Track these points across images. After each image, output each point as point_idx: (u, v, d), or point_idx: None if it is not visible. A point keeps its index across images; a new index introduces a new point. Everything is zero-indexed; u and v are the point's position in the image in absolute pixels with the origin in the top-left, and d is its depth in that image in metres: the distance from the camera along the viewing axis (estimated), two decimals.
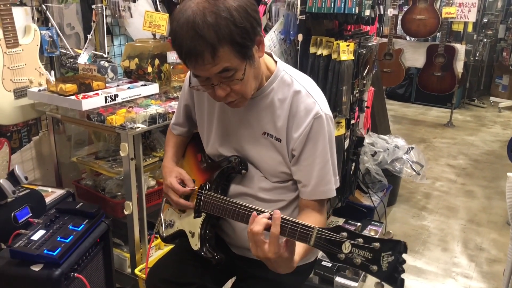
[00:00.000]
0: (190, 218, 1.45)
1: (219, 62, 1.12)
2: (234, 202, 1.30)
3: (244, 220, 1.25)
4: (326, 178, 1.32)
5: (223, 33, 1.08)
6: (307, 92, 1.30)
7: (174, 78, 2.61)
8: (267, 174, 1.38)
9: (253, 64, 1.20)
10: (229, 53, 1.12)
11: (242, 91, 1.22)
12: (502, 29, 6.70)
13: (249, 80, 1.22)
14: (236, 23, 1.10)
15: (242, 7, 1.12)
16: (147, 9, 2.83)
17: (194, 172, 1.51)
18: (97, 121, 2.14)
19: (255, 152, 1.36)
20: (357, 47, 2.49)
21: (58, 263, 1.64)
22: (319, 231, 1.06)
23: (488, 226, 3.37)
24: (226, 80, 1.18)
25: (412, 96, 6.72)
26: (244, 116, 1.36)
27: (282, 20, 2.50)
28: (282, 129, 1.31)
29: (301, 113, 1.28)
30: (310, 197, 1.33)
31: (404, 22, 5.42)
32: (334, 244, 1.04)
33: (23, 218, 1.87)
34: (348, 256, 1.02)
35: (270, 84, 1.32)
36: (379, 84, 4.14)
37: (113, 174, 2.38)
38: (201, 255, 1.42)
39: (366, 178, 3.25)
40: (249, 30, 1.13)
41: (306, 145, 1.29)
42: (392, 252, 0.98)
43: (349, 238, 1.02)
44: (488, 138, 5.37)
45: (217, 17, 1.08)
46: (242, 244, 1.46)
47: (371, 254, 0.99)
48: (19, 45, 2.26)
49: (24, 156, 2.51)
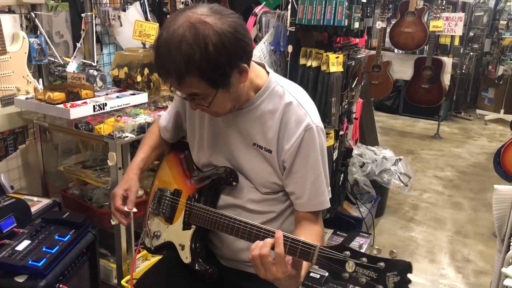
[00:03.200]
0: (178, 229, 1.43)
1: (185, 88, 1.15)
2: (226, 215, 1.29)
3: (237, 234, 1.24)
4: (319, 190, 1.31)
5: (193, 65, 1.09)
6: (298, 103, 1.29)
7: (164, 88, 2.61)
8: (258, 184, 1.37)
9: (228, 90, 1.19)
10: (197, 82, 1.13)
11: (213, 111, 1.25)
12: (488, 43, 6.82)
13: (221, 104, 1.22)
14: (210, 59, 1.09)
15: (226, 37, 1.10)
16: (137, 18, 2.82)
17: (180, 182, 1.48)
18: (85, 130, 2.13)
19: (246, 162, 1.35)
20: (346, 59, 2.52)
21: (43, 274, 1.61)
22: (321, 250, 1.06)
23: (475, 238, 3.39)
24: (195, 100, 1.21)
25: (400, 108, 6.79)
26: (234, 126, 1.35)
27: (272, 31, 2.51)
28: (273, 140, 1.30)
29: (292, 125, 1.27)
30: (304, 209, 1.33)
31: (392, 35, 5.49)
32: (337, 263, 1.03)
33: (7, 228, 1.84)
34: (353, 275, 1.01)
35: (260, 96, 1.30)
36: (368, 96, 4.18)
37: (101, 183, 2.36)
38: (193, 268, 1.39)
39: (355, 189, 3.26)
40: (225, 66, 1.13)
41: (297, 157, 1.28)
42: (398, 272, 0.98)
43: (353, 257, 1.02)
44: (474, 150, 5.43)
45: (191, 49, 1.08)
46: (231, 256, 1.45)
47: (376, 274, 0.99)
48: (6, 53, 2.24)
49: (10, 164, 2.47)
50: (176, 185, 1.48)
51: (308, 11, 2.33)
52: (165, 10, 3.12)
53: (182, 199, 1.44)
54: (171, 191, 1.48)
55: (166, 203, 1.47)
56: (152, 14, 3.05)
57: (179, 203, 1.45)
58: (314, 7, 2.31)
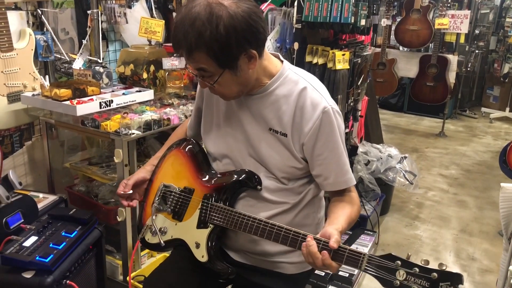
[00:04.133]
0: (191, 227, 1.41)
1: (194, 62, 1.22)
2: (250, 216, 1.31)
3: (262, 235, 1.28)
4: (344, 168, 1.36)
5: (202, 41, 1.16)
6: (313, 87, 1.33)
7: (169, 85, 2.61)
8: (275, 169, 1.37)
9: (235, 73, 1.24)
10: (205, 58, 1.20)
11: (220, 92, 1.30)
12: (494, 40, 6.78)
13: (227, 85, 1.28)
14: (219, 38, 1.16)
15: (237, 20, 1.17)
16: (143, 15, 2.83)
17: (192, 179, 1.47)
18: (92, 127, 2.13)
19: (263, 147, 1.37)
20: (352, 57, 2.51)
21: (50, 270, 1.62)
22: (370, 258, 1.11)
23: (480, 236, 3.38)
24: (204, 78, 1.26)
25: (405, 106, 6.77)
26: (249, 113, 1.37)
27: (278, 28, 2.51)
28: (288, 124, 1.33)
29: (308, 108, 1.31)
30: (333, 188, 1.37)
31: (397, 33, 5.46)
32: (387, 270, 1.08)
33: (15, 224, 1.85)
34: (404, 283, 1.06)
35: (274, 82, 1.34)
36: (373, 93, 4.17)
37: (107, 180, 2.36)
38: (211, 267, 1.39)
39: (360, 187, 3.25)
40: (232, 47, 1.19)
41: (318, 140, 1.31)
42: (451, 282, 1.03)
43: (404, 266, 1.07)
44: (479, 148, 5.41)
45: (203, 26, 1.15)
46: (242, 247, 1.45)
47: (429, 283, 1.04)
48: (13, 49, 2.24)
49: (16, 161, 2.48)
50: (187, 183, 1.47)
51: (314, 8, 2.32)
52: (171, 7, 3.12)
53: (195, 196, 1.43)
54: (181, 188, 1.47)
55: (173, 199, 1.46)
56: (157, 11, 3.05)
57: (191, 201, 1.44)
58: (321, 4, 2.31)
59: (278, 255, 1.44)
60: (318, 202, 1.50)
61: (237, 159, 1.41)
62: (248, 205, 1.40)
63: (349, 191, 1.39)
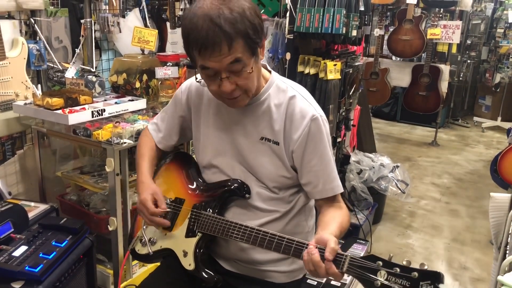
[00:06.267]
0: (179, 237, 1.42)
1: (233, 53, 1.19)
2: (239, 224, 1.31)
3: (254, 243, 1.27)
4: (332, 175, 1.37)
5: (239, 27, 1.17)
6: (301, 96, 1.37)
7: (162, 94, 2.61)
8: (266, 179, 1.38)
9: (257, 62, 1.28)
10: (242, 46, 1.20)
11: (247, 86, 1.28)
12: (485, 51, 6.85)
13: (254, 76, 1.29)
14: (250, 20, 1.19)
15: (252, 9, 1.22)
16: (136, 24, 2.84)
17: (182, 190, 1.48)
18: (83, 136, 2.13)
19: (253, 158, 1.38)
20: (344, 67, 2.53)
21: (40, 280, 1.61)
22: (352, 259, 1.10)
23: (472, 245, 3.39)
24: (235, 73, 1.24)
25: (398, 115, 6.81)
26: (240, 123, 1.39)
27: (270, 39, 2.53)
28: (280, 132, 1.35)
29: (297, 116, 1.34)
30: (321, 196, 1.38)
31: (390, 42, 5.51)
32: (369, 271, 1.08)
33: (4, 234, 1.83)
34: (385, 283, 1.06)
35: (266, 91, 1.37)
36: (365, 102, 4.19)
37: (98, 189, 2.36)
38: (197, 275, 1.39)
39: (352, 196, 3.26)
40: (259, 29, 1.23)
41: (307, 147, 1.34)
42: (431, 281, 1.02)
43: (385, 266, 1.07)
44: (471, 157, 5.44)
45: (233, 12, 1.17)
46: (231, 255, 1.45)
47: (409, 283, 1.03)
48: (6, 58, 2.24)
49: (7, 170, 2.47)
50: (177, 193, 1.48)
51: (306, 19, 2.34)
52: (164, 16, 3.14)
53: (185, 206, 1.45)
54: (171, 199, 1.48)
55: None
56: (151, 20, 3.07)
57: (181, 210, 1.45)
58: (312, 15, 2.33)
59: (268, 264, 1.44)
60: (308, 211, 1.52)
61: (226, 168, 1.42)
62: (239, 214, 1.41)
63: (338, 201, 1.40)
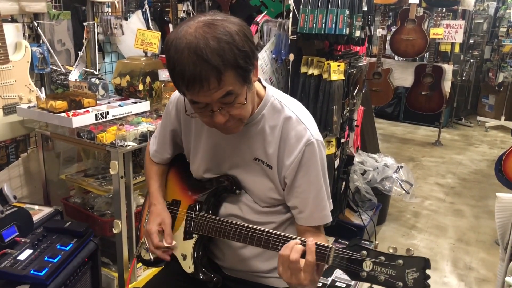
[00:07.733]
0: (179, 240, 1.42)
1: (223, 86, 1.09)
2: (232, 222, 1.29)
3: (245, 240, 1.26)
4: (321, 204, 1.31)
5: (228, 58, 1.06)
6: (297, 118, 1.29)
7: (165, 96, 2.61)
8: (257, 199, 1.36)
9: (251, 89, 1.19)
10: (233, 77, 1.10)
11: (241, 115, 1.19)
12: (488, 50, 6.84)
13: (249, 104, 1.20)
14: (239, 47, 1.08)
15: (241, 31, 1.10)
16: (139, 27, 2.84)
17: (178, 192, 1.48)
18: (87, 139, 2.13)
19: (246, 177, 1.35)
20: (348, 67, 2.52)
21: (45, 283, 1.61)
22: (336, 251, 1.08)
23: (477, 246, 3.38)
24: (227, 105, 1.15)
25: (401, 115, 6.79)
26: (234, 143, 1.33)
27: (273, 40, 2.52)
28: (273, 156, 1.29)
29: (292, 140, 1.27)
30: (306, 223, 1.32)
31: (392, 42, 5.50)
32: (354, 262, 1.06)
33: (9, 237, 1.83)
34: (371, 274, 1.04)
35: (260, 111, 1.29)
36: (368, 103, 4.18)
37: (102, 192, 2.35)
38: (196, 278, 1.38)
39: (356, 197, 3.25)
40: (250, 54, 1.11)
41: (299, 173, 1.28)
42: (417, 268, 1.00)
43: (370, 256, 1.04)
44: (475, 157, 5.42)
45: (220, 41, 1.05)
46: (232, 265, 1.45)
47: (395, 271, 1.01)
48: (9, 62, 2.25)
49: (11, 173, 2.47)
50: (174, 196, 1.48)
51: (309, 20, 2.34)
52: (167, 18, 3.14)
53: (181, 208, 1.44)
54: (169, 201, 1.48)
55: None
56: (154, 22, 3.07)
57: (178, 213, 1.44)
58: (316, 16, 2.32)
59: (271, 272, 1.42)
60: None
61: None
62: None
63: (320, 231, 1.34)
